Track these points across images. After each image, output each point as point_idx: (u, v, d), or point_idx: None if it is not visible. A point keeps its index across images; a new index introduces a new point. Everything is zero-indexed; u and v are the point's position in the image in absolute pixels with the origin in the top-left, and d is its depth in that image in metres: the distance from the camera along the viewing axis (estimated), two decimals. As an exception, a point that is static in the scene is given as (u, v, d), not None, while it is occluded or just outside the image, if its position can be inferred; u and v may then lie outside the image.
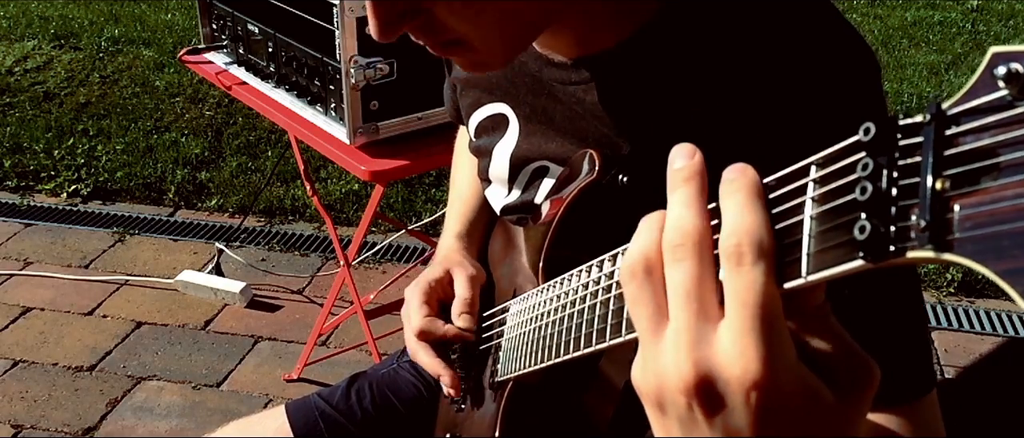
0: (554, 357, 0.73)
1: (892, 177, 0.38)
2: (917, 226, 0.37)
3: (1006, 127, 0.35)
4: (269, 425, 1.23)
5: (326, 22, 1.72)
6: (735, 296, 0.43)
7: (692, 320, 0.45)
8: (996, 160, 0.35)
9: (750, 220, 0.44)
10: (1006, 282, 0.34)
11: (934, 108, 0.38)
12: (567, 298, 0.72)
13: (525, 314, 0.87)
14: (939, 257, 0.36)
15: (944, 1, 5.09)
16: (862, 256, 0.39)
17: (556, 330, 0.73)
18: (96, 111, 3.87)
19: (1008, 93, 0.35)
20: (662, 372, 0.46)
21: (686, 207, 0.47)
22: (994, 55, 0.36)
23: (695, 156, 0.48)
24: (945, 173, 0.37)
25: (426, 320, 1.04)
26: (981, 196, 0.35)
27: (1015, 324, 2.68)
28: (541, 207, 0.97)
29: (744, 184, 0.45)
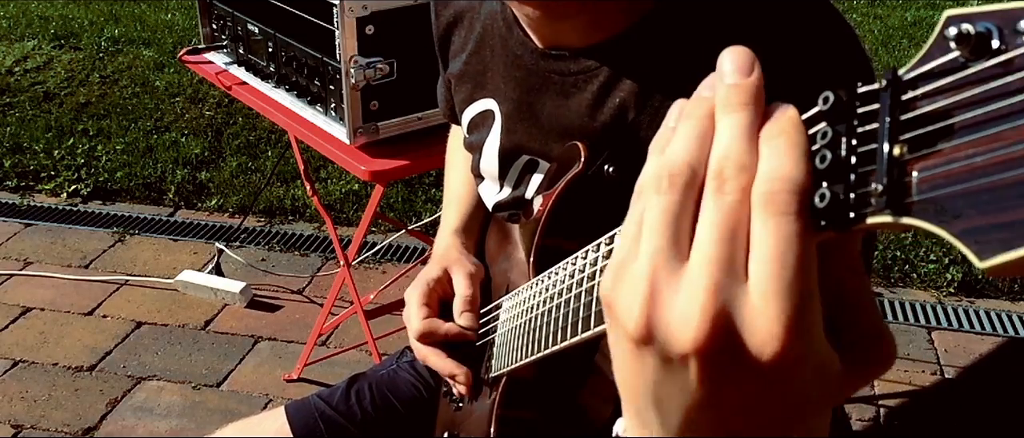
0: (543, 349, 0.73)
1: (851, 145, 0.38)
2: (875, 191, 0.37)
3: (959, 88, 0.35)
4: (269, 426, 1.23)
5: (326, 22, 1.72)
6: (767, 247, 0.37)
7: (721, 271, 0.38)
8: (950, 121, 0.35)
9: (795, 170, 0.38)
10: (961, 243, 0.34)
11: (890, 74, 0.38)
12: (554, 289, 0.72)
13: (516, 308, 0.87)
14: (898, 222, 0.36)
15: (944, 1, 5.09)
16: (824, 224, 0.38)
17: (544, 322, 0.74)
18: (96, 111, 3.87)
19: (960, 55, 0.35)
20: (671, 319, 0.39)
21: (742, 139, 0.39)
22: (948, 18, 0.36)
23: (753, 72, 0.40)
24: (902, 138, 0.37)
25: (426, 322, 1.04)
26: (937, 158, 0.35)
27: (1015, 324, 2.68)
28: (532, 203, 0.97)
29: (788, 128, 0.39)
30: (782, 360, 0.37)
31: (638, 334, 0.40)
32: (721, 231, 0.38)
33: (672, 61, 0.82)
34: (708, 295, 0.38)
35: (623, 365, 0.43)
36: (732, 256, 0.38)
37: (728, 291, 0.38)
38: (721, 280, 0.38)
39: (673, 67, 0.82)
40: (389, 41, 1.72)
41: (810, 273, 0.38)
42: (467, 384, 1.01)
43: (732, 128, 0.40)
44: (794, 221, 0.37)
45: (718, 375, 0.38)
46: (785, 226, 0.37)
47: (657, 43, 0.83)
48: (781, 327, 0.37)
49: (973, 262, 0.33)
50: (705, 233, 0.39)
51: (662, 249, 0.40)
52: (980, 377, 2.50)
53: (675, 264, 0.39)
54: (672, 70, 0.82)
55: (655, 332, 0.39)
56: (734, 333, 0.37)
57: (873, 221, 0.37)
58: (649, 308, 0.39)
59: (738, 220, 0.38)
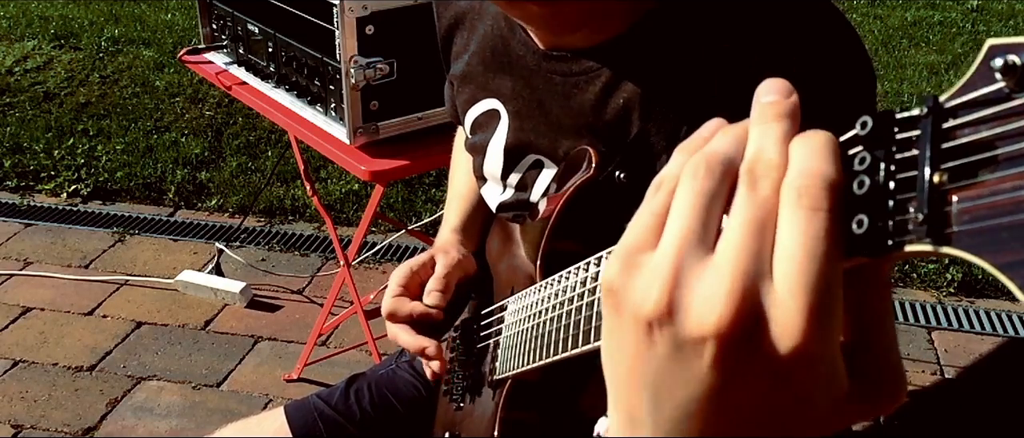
0: (551, 355, 0.73)
1: (890, 171, 0.38)
2: (915, 219, 0.36)
3: (1003, 120, 0.35)
4: (268, 426, 1.23)
5: (326, 22, 1.72)
6: (795, 242, 0.37)
7: (750, 260, 0.37)
8: (994, 153, 0.35)
9: (824, 165, 0.39)
10: (1005, 275, 0.34)
11: (931, 101, 0.37)
12: (565, 295, 0.72)
13: (523, 312, 0.87)
14: (937, 250, 0.36)
15: (944, 1, 5.09)
16: (861, 251, 0.38)
17: (553, 328, 0.73)
18: (96, 111, 3.87)
19: (1005, 85, 0.35)
20: (693, 296, 0.38)
21: (776, 143, 0.39)
22: (991, 47, 0.36)
23: (792, 96, 0.41)
24: (943, 166, 0.36)
25: (394, 301, 1.05)
26: (979, 189, 0.35)
27: (1015, 324, 2.68)
28: (538, 205, 0.97)
29: (821, 136, 0.40)
30: (799, 356, 0.37)
31: (654, 314, 0.39)
32: (751, 224, 0.38)
33: (674, 60, 0.82)
34: (735, 279, 0.37)
35: (623, 354, 0.42)
36: (761, 248, 0.38)
37: (755, 280, 0.37)
38: (749, 268, 0.37)
39: (676, 66, 0.82)
40: (389, 41, 1.72)
41: (836, 273, 0.37)
42: (437, 357, 1.01)
43: (767, 133, 0.40)
44: (825, 218, 0.37)
45: (732, 363, 0.37)
46: (816, 222, 0.37)
47: (659, 43, 0.83)
48: (803, 321, 0.36)
49: (1017, 295, 0.33)
50: (735, 224, 0.39)
51: (693, 231, 0.39)
52: (980, 377, 2.50)
53: (702, 250, 0.39)
54: (675, 69, 0.82)
55: (676, 311, 0.38)
56: (756, 321, 0.37)
57: (912, 249, 0.37)
58: (672, 287, 0.38)
59: (768, 215, 0.38)
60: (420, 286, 1.08)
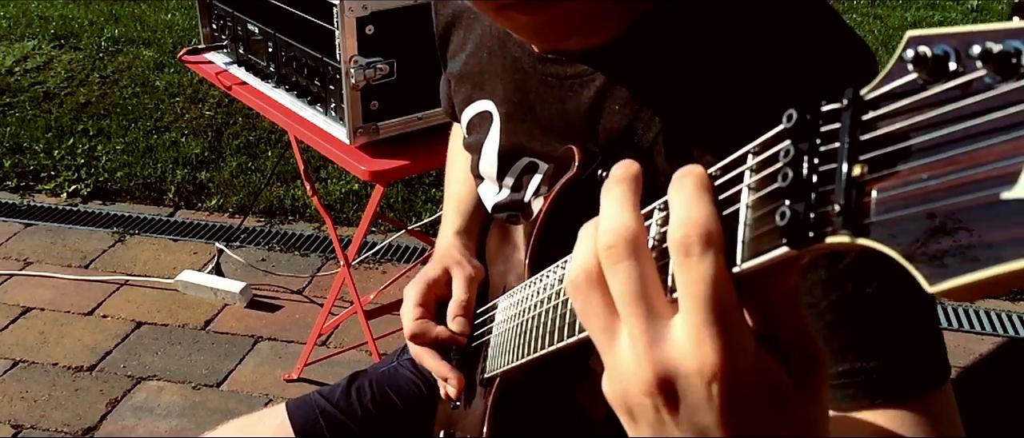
0: (533, 351, 0.74)
1: (813, 163, 0.39)
2: (834, 211, 0.37)
3: (916, 111, 0.35)
4: (269, 423, 1.24)
5: (326, 22, 1.72)
6: (687, 288, 0.43)
7: (643, 321, 0.45)
8: (908, 143, 0.35)
9: (697, 211, 0.43)
10: (912, 265, 0.34)
11: (851, 93, 0.38)
12: (544, 293, 0.72)
13: (511, 310, 0.87)
14: (854, 242, 0.36)
15: (944, 1, 5.10)
16: (785, 242, 0.39)
17: (538, 324, 0.74)
18: (96, 111, 3.87)
19: (918, 76, 0.35)
20: (624, 378, 0.46)
21: (617, 207, 0.46)
22: (910, 38, 0.36)
23: (633, 165, 0.48)
24: (862, 158, 0.37)
25: (418, 323, 1.04)
26: (895, 180, 0.35)
27: (1015, 324, 2.68)
28: (531, 205, 0.97)
29: (691, 179, 0.45)
30: (727, 372, 0.42)
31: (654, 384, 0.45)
32: (630, 295, 0.45)
33: (669, 64, 0.82)
34: (645, 346, 0.44)
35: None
36: (649, 309, 0.45)
37: (659, 337, 0.44)
38: (649, 331, 0.44)
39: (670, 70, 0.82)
40: (389, 41, 1.72)
41: (729, 299, 0.43)
42: (458, 389, 1.01)
43: (609, 202, 0.47)
44: (703, 258, 0.42)
45: (667, 408, 0.45)
46: (698, 265, 0.42)
47: (653, 46, 0.83)
48: (713, 345, 0.42)
49: (923, 286, 0.33)
50: (620, 303, 0.46)
51: (599, 337, 0.47)
52: (980, 377, 2.50)
53: (609, 336, 0.47)
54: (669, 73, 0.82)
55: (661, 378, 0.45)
56: (677, 365, 0.44)
57: (832, 241, 0.37)
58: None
59: (638, 277, 0.45)
60: (436, 301, 1.07)
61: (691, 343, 0.43)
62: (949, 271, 0.32)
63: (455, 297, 1.05)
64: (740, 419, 0.44)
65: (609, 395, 0.48)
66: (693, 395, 0.43)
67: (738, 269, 0.42)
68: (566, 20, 0.82)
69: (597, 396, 0.90)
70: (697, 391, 0.43)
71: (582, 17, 0.82)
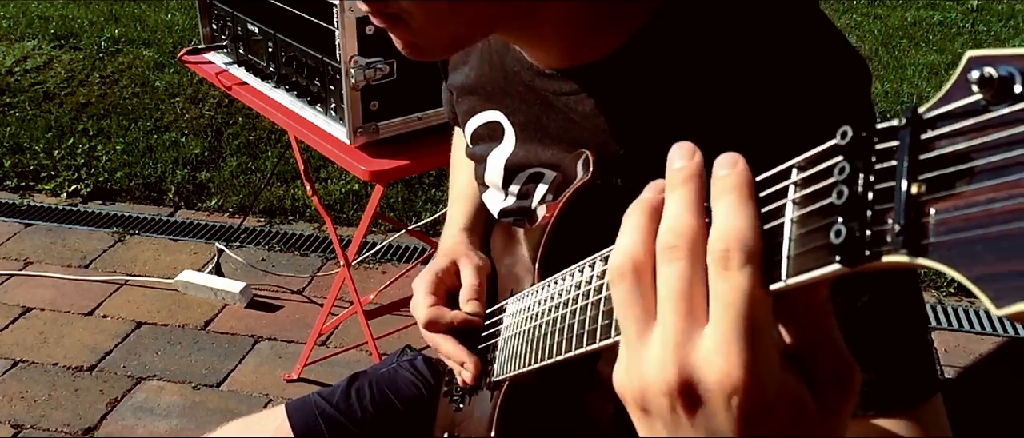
0: (547, 358, 0.73)
1: (868, 181, 0.38)
2: (892, 230, 0.37)
3: (980, 132, 0.35)
4: (269, 424, 1.24)
5: (326, 22, 1.72)
6: (721, 299, 0.43)
7: (681, 321, 0.45)
8: (971, 164, 0.35)
9: (739, 223, 0.43)
10: (978, 287, 0.34)
11: (910, 112, 0.38)
12: (560, 298, 0.72)
13: (521, 314, 0.87)
14: (913, 262, 0.36)
15: (944, 1, 5.09)
16: (838, 260, 0.38)
17: (550, 331, 0.73)
18: (96, 111, 3.87)
19: (982, 97, 0.35)
20: (646, 373, 0.46)
21: (684, 209, 0.46)
22: (970, 59, 0.36)
23: (695, 156, 0.47)
24: (921, 177, 0.36)
25: (432, 310, 1.04)
26: (956, 201, 0.35)
27: (1015, 324, 2.68)
28: (536, 212, 0.97)
29: (735, 183, 0.44)
30: (749, 388, 0.43)
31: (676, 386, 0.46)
32: (675, 294, 0.45)
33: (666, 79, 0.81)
34: (675, 346, 0.45)
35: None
36: (689, 311, 0.45)
37: (690, 340, 0.44)
38: (683, 332, 0.45)
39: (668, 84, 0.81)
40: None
41: (761, 315, 0.43)
42: (474, 374, 1.01)
43: (676, 202, 0.46)
44: (741, 271, 0.43)
45: (684, 422, 0.45)
46: (735, 277, 0.43)
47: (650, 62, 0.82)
48: (739, 359, 0.43)
49: (990, 308, 0.33)
50: (664, 300, 0.46)
51: (630, 335, 0.47)
52: (980, 377, 2.50)
53: (641, 328, 0.47)
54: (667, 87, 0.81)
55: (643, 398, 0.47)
56: (701, 372, 0.44)
57: (888, 260, 0.37)
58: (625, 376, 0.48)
59: (688, 279, 0.45)
60: (446, 292, 1.08)
61: (718, 354, 0.43)
62: (1017, 294, 0.32)
63: (466, 283, 1.06)
64: (757, 433, 0.44)
65: (622, 388, 0.48)
66: (712, 405, 0.44)
67: (781, 285, 0.42)
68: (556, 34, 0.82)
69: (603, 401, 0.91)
70: (717, 402, 0.44)
71: (570, 37, 0.82)
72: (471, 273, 1.06)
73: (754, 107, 0.75)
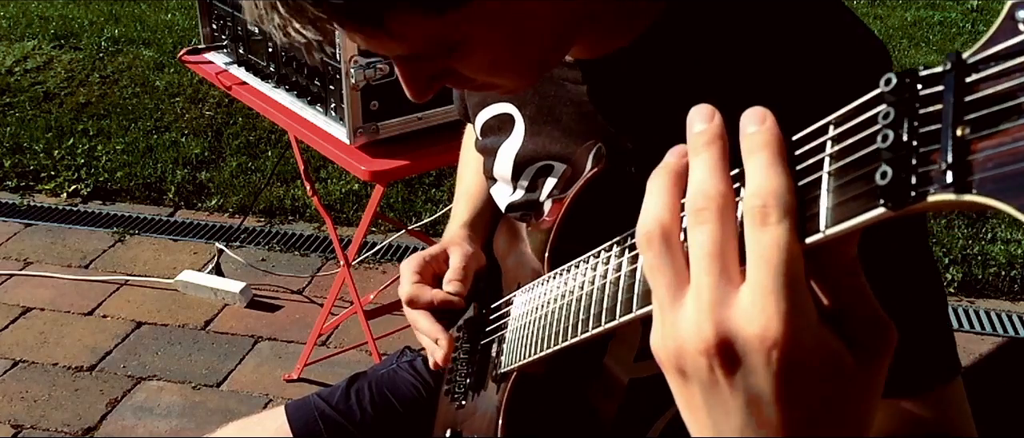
0: (559, 342, 0.73)
1: (913, 125, 0.39)
2: (939, 169, 0.37)
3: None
4: (268, 425, 1.24)
5: (326, 22, 1.71)
6: (758, 255, 0.43)
7: (715, 281, 0.44)
8: (1016, 102, 0.35)
9: (775, 181, 0.43)
10: None
11: (954, 56, 0.38)
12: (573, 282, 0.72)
13: (530, 303, 0.87)
14: (960, 199, 0.36)
15: (944, 1, 5.09)
16: (882, 202, 0.39)
17: (561, 315, 0.73)
18: (96, 111, 3.87)
19: None
20: (682, 335, 0.46)
21: (709, 172, 0.46)
22: (1012, 4, 0.36)
23: (714, 118, 0.47)
24: (966, 118, 0.37)
25: (414, 287, 1.05)
26: (1001, 137, 0.35)
27: (1015, 324, 2.68)
28: (544, 205, 0.97)
29: (766, 139, 0.45)
30: (788, 341, 0.42)
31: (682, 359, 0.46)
32: (708, 255, 0.45)
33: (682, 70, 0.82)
34: (710, 306, 0.44)
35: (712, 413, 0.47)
36: (723, 270, 0.44)
37: (725, 300, 0.44)
38: (718, 291, 0.44)
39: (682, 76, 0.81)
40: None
41: (798, 269, 0.43)
42: (446, 352, 1.02)
43: (701, 167, 0.46)
44: (779, 226, 0.42)
45: (730, 376, 0.44)
46: (773, 232, 0.42)
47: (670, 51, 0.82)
48: (777, 311, 0.42)
49: None
50: (696, 262, 0.45)
51: (664, 296, 0.47)
52: (980, 377, 2.50)
53: (674, 292, 0.47)
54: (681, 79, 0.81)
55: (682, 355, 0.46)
56: (739, 328, 0.44)
57: (934, 199, 0.37)
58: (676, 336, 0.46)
59: (720, 240, 0.45)
60: (433, 276, 1.09)
61: (756, 308, 0.43)
62: None
63: (451, 266, 1.07)
64: (796, 390, 0.44)
65: (660, 352, 0.48)
66: (752, 360, 0.43)
67: (820, 236, 0.43)
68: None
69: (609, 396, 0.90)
70: (756, 356, 0.43)
71: (606, 17, 0.82)
72: (458, 258, 1.08)
73: (771, 94, 0.75)
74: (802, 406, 0.44)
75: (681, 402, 0.48)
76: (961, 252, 2.90)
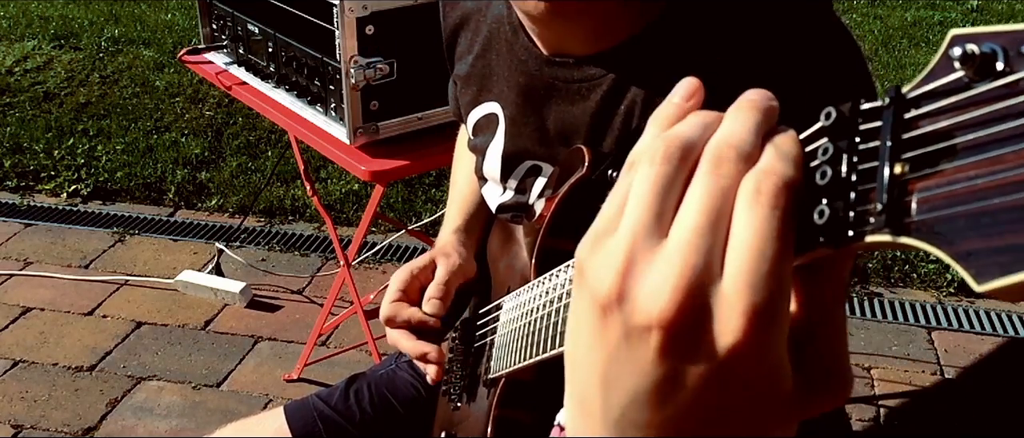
0: (543, 352, 0.73)
1: (852, 161, 0.38)
2: (875, 210, 0.36)
3: (962, 109, 0.35)
4: (268, 426, 1.24)
5: (326, 22, 1.72)
6: (755, 240, 0.37)
7: (703, 249, 0.37)
8: (953, 142, 0.35)
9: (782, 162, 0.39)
10: (960, 265, 0.33)
11: (893, 91, 0.37)
12: (555, 292, 0.72)
13: (517, 310, 0.87)
14: (896, 241, 0.36)
15: (944, 1, 5.09)
16: (822, 241, 0.38)
17: (546, 324, 0.73)
18: (96, 111, 3.87)
19: (964, 75, 0.35)
20: (641, 286, 0.38)
21: (748, 129, 0.40)
22: (953, 37, 0.36)
23: (772, 101, 0.41)
24: (904, 156, 0.36)
25: (391, 306, 1.06)
26: (938, 179, 0.35)
27: (1015, 324, 2.68)
28: (534, 206, 0.97)
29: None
30: (740, 354, 0.37)
31: (606, 299, 0.39)
32: (706, 214, 0.38)
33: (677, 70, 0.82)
34: (683, 273, 0.37)
35: (581, 336, 0.42)
36: (713, 242, 0.38)
37: (703, 275, 0.37)
38: (698, 261, 0.37)
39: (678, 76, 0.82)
40: (389, 41, 1.72)
41: (785, 273, 0.37)
42: (438, 363, 1.02)
43: (739, 119, 0.40)
44: (779, 217, 0.37)
45: (675, 355, 0.38)
46: (771, 220, 0.37)
47: (662, 52, 0.83)
48: (746, 321, 0.36)
49: (971, 285, 0.33)
50: (690, 213, 0.38)
51: (645, 223, 0.39)
52: (980, 377, 2.50)
53: (654, 239, 0.39)
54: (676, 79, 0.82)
55: (624, 299, 0.38)
56: (700, 316, 0.37)
57: (872, 240, 0.37)
58: (622, 276, 0.39)
59: (725, 204, 0.38)
60: (420, 290, 1.08)
61: (738, 302, 0.37)
62: (998, 270, 0.32)
63: (434, 281, 1.07)
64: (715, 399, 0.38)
65: (588, 274, 0.41)
66: (701, 355, 0.37)
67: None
68: (582, 12, 0.82)
69: None
70: (710, 358, 0.37)
71: (596, 12, 0.83)
72: (442, 272, 1.07)
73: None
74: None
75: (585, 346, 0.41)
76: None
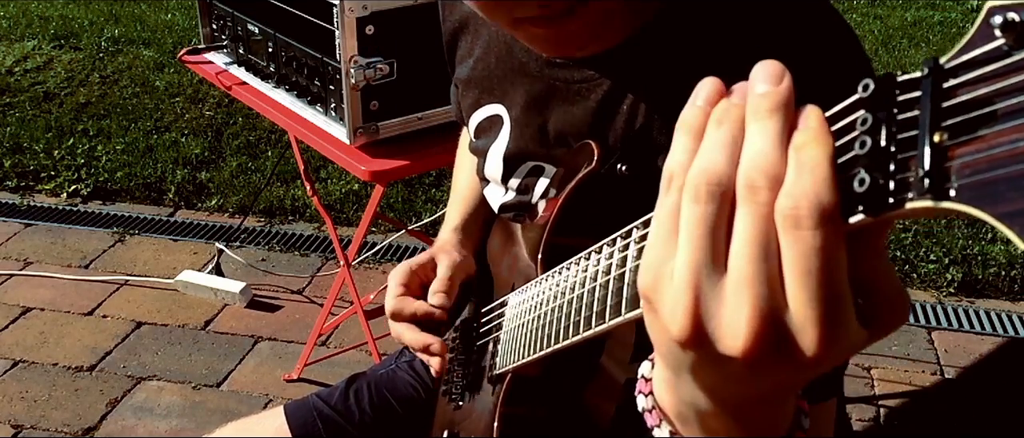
0: (554, 344, 0.73)
1: (891, 131, 0.39)
2: (916, 176, 0.37)
3: (1002, 76, 0.35)
4: (268, 426, 1.24)
5: (326, 22, 1.72)
6: (802, 262, 0.39)
7: (763, 277, 0.40)
8: (993, 108, 0.35)
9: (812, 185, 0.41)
10: (1004, 224, 0.34)
11: (932, 62, 0.38)
12: (565, 284, 0.72)
13: (524, 305, 0.87)
14: (937, 206, 0.36)
15: (944, 1, 5.09)
16: (862, 209, 0.39)
17: (555, 317, 0.73)
18: (96, 111, 3.87)
19: (1004, 42, 0.35)
20: (717, 325, 0.42)
21: (773, 146, 0.41)
22: (990, 8, 0.36)
23: (784, 80, 0.42)
24: (943, 125, 0.37)
25: (397, 300, 1.06)
26: (978, 144, 0.35)
27: (1015, 324, 2.68)
28: (537, 206, 0.97)
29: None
30: (819, 359, 0.41)
31: (685, 339, 0.43)
32: (756, 244, 0.41)
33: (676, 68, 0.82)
34: (753, 306, 0.40)
35: (663, 351, 0.47)
36: (769, 269, 0.40)
37: (770, 302, 0.41)
38: (762, 292, 0.40)
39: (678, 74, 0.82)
40: (389, 41, 1.72)
41: (840, 275, 0.40)
42: (440, 355, 1.02)
43: (762, 135, 0.41)
44: (822, 235, 0.39)
45: (760, 372, 0.42)
46: (815, 239, 0.39)
47: (660, 51, 0.83)
48: (819, 331, 0.40)
49: (1017, 244, 0.33)
50: (741, 246, 0.41)
51: (703, 263, 0.42)
52: (980, 377, 2.50)
53: (715, 276, 0.42)
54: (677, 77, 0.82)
55: (702, 339, 0.42)
56: (778, 339, 0.41)
57: (912, 206, 0.37)
58: (694, 318, 0.42)
59: (769, 228, 0.41)
60: (421, 286, 1.08)
61: (806, 322, 0.40)
62: None
63: (438, 276, 1.07)
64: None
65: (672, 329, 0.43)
66: (790, 377, 0.44)
67: None
68: (580, 32, 0.82)
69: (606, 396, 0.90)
70: (796, 379, 0.45)
71: (594, 28, 0.83)
72: (445, 268, 1.08)
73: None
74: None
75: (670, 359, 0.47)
76: (961, 252, 2.90)
